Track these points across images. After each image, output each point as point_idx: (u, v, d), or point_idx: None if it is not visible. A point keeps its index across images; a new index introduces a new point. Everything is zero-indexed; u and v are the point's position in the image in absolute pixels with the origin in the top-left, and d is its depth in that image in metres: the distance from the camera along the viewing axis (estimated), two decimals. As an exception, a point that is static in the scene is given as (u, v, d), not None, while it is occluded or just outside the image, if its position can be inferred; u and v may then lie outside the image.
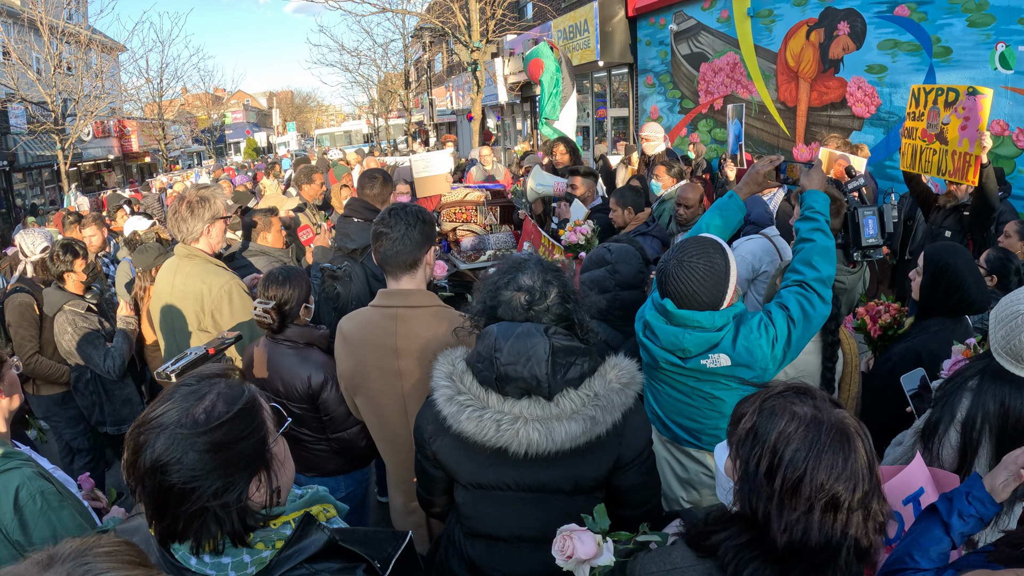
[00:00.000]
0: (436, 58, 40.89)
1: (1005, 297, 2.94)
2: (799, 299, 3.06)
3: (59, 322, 5.57)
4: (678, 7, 15.21)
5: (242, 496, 1.74)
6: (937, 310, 3.86)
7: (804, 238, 3.28)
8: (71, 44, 30.08)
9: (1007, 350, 2.79)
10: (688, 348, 2.97)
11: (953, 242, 4.94)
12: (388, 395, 3.24)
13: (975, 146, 5.39)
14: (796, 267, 3.19)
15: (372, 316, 3.25)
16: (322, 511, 2.04)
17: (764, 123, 12.88)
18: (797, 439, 1.77)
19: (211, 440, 1.68)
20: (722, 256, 2.97)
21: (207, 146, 53.84)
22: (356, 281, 4.88)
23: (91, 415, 5.91)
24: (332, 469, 4.07)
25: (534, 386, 2.34)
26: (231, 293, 4.33)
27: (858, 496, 1.73)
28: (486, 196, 8.98)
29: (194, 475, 1.66)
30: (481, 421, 2.37)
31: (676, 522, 2.26)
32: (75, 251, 5.68)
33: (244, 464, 1.75)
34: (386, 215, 3.20)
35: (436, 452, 2.59)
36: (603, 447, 2.44)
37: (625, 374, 2.49)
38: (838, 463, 1.74)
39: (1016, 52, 8.13)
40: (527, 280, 2.55)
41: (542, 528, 2.49)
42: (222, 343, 3.32)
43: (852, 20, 10.62)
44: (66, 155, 28.03)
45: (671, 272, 2.96)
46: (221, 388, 1.78)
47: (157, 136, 40.73)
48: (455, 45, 21.14)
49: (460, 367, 2.53)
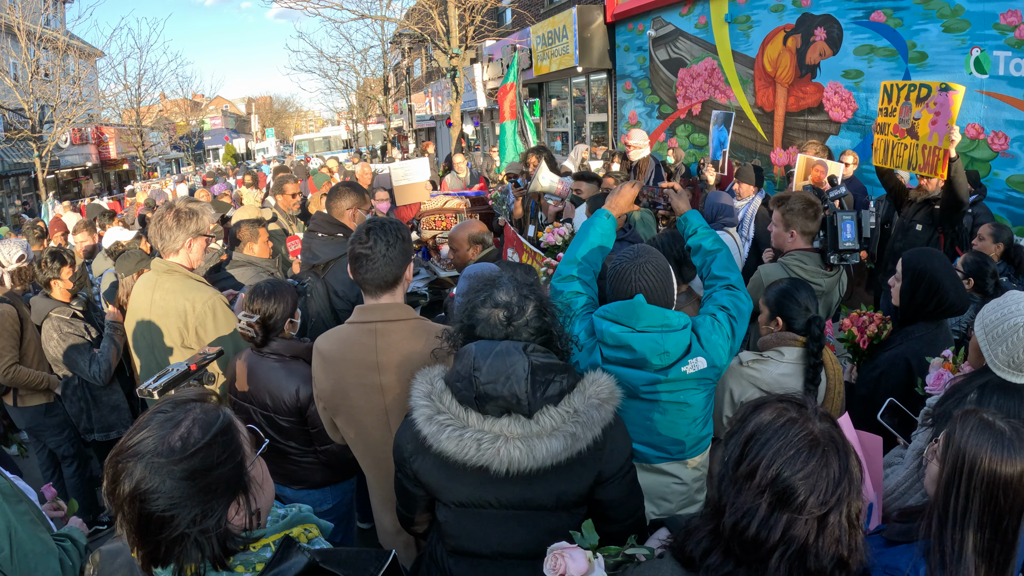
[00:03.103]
0: (415, 64, 40.88)
1: (992, 311, 2.94)
2: (731, 299, 3.29)
3: (45, 329, 5.56)
4: (656, 13, 15.28)
5: (221, 521, 1.73)
6: (919, 315, 3.90)
7: (709, 250, 3.53)
8: (48, 50, 29.68)
9: (1009, 364, 2.81)
10: (669, 350, 3.05)
11: (929, 246, 5.00)
12: (370, 411, 3.21)
13: (944, 140, 5.51)
14: (717, 274, 3.43)
15: (351, 333, 3.21)
16: (303, 532, 2.02)
17: (742, 128, 12.94)
18: (771, 431, 1.80)
19: (188, 467, 1.67)
20: (664, 260, 3.20)
21: (186, 152, 53.46)
22: (317, 298, 4.84)
23: (79, 422, 5.87)
24: (319, 481, 4.04)
25: (514, 404, 2.33)
26: (215, 309, 4.28)
27: (813, 501, 1.72)
28: (466, 204, 8.97)
29: (172, 503, 1.66)
30: (462, 440, 2.35)
31: (662, 531, 2.26)
32: (63, 258, 5.66)
33: (222, 489, 1.74)
34: (363, 235, 3.15)
35: (417, 471, 2.58)
36: (584, 463, 2.44)
37: (604, 389, 2.49)
38: (804, 463, 1.74)
39: (991, 57, 8.21)
40: (503, 296, 2.57)
41: (525, 545, 2.51)
42: (204, 359, 3.30)
43: (829, 26, 10.70)
44: (43, 162, 27.73)
45: (634, 270, 3.12)
46: (196, 414, 1.76)
47: (135, 143, 40.39)
48: (434, 51, 21.11)
49: (439, 386, 2.51)
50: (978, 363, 3.09)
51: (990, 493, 2.14)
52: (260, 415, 3.85)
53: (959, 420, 2.27)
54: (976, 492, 2.15)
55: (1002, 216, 7.96)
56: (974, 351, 3.12)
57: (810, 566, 1.74)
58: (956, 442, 2.22)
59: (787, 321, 3.72)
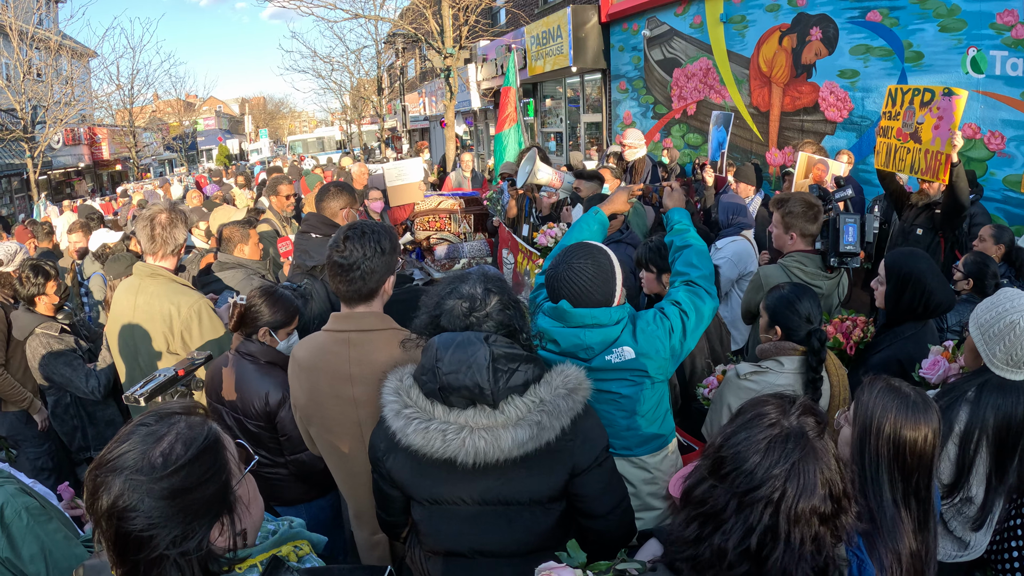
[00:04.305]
0: (409, 64, 40.79)
1: (986, 310, 2.96)
2: (688, 295, 3.26)
3: (31, 347, 5.28)
4: (651, 13, 15.26)
5: (203, 543, 1.65)
6: (906, 316, 3.88)
7: (681, 246, 3.55)
8: (41, 50, 29.56)
9: (1008, 361, 2.86)
10: (591, 345, 3.08)
11: (911, 247, 5.00)
12: (344, 423, 3.12)
13: (946, 145, 5.54)
14: (680, 269, 3.43)
15: (324, 341, 3.14)
16: (293, 550, 1.96)
17: (738, 128, 12.90)
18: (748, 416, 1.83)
19: (168, 486, 1.59)
20: (606, 256, 3.13)
21: (179, 153, 53.29)
22: (317, 300, 4.75)
23: (72, 441, 5.71)
24: (291, 498, 3.93)
25: (477, 394, 2.32)
26: (200, 313, 4.21)
27: (778, 496, 1.70)
28: (460, 204, 8.93)
29: (151, 523, 1.58)
30: (427, 433, 2.34)
31: (652, 542, 2.25)
32: (46, 272, 5.44)
33: (204, 510, 1.66)
34: (341, 243, 3.02)
35: (390, 470, 2.57)
36: (555, 454, 2.43)
37: (572, 379, 2.48)
38: (776, 457, 1.73)
39: (987, 56, 8.20)
40: (468, 289, 2.62)
41: (503, 543, 2.52)
42: (191, 364, 3.24)
43: (824, 26, 10.68)
44: (36, 163, 27.61)
45: (562, 275, 3.09)
46: (180, 428, 1.68)
47: (128, 144, 40.20)
48: (428, 51, 21.03)
49: (407, 382, 2.51)
50: (974, 364, 3.12)
51: (897, 452, 2.32)
52: (231, 417, 3.75)
53: (867, 385, 2.44)
54: (884, 452, 2.33)
55: (999, 216, 7.96)
56: (970, 352, 3.14)
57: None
58: (864, 406, 2.39)
59: (786, 331, 3.60)
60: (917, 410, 2.33)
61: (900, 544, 2.28)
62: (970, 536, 3.06)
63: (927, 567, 2.35)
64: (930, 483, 2.35)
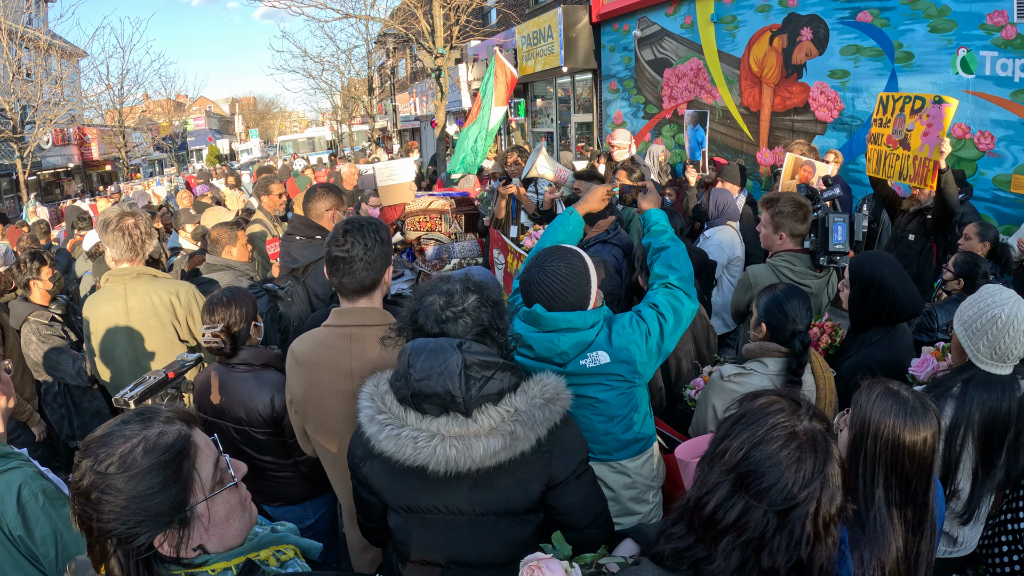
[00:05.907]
0: (399, 64, 40.77)
1: (969, 307, 3.00)
2: (666, 297, 3.23)
3: (24, 334, 5.48)
4: (642, 13, 15.26)
5: (144, 548, 1.67)
6: (870, 321, 3.88)
7: (659, 247, 3.51)
8: (30, 49, 29.51)
9: (992, 355, 2.89)
10: (566, 350, 3.04)
11: (878, 251, 5.05)
12: (343, 419, 3.10)
13: (934, 152, 5.57)
14: (658, 272, 3.37)
15: (326, 336, 3.14)
16: (273, 555, 1.93)
17: (728, 128, 12.94)
18: (756, 416, 1.81)
19: (116, 486, 1.63)
20: (580, 259, 3.11)
21: (169, 153, 53.12)
22: (298, 301, 4.76)
23: (60, 429, 5.79)
24: (299, 495, 3.94)
25: (449, 401, 2.29)
26: (196, 297, 4.29)
27: (777, 491, 1.70)
28: (451, 204, 8.91)
29: (100, 512, 1.62)
30: (399, 439, 2.32)
31: (627, 542, 2.28)
32: (42, 259, 5.61)
33: (152, 519, 1.66)
34: (340, 237, 3.06)
35: (367, 476, 2.55)
36: (530, 465, 2.40)
37: (550, 389, 2.44)
38: (775, 453, 1.73)
39: (977, 57, 8.22)
40: (447, 286, 2.59)
41: (480, 553, 2.50)
42: (182, 366, 3.23)
43: (815, 26, 10.69)
44: (25, 164, 27.52)
45: (535, 279, 3.07)
46: (150, 435, 1.69)
47: (118, 144, 40.06)
48: (419, 51, 21.01)
49: (383, 387, 2.49)
50: (960, 360, 3.16)
51: (895, 457, 2.31)
52: (234, 431, 3.73)
53: (865, 388, 2.43)
54: (881, 456, 2.32)
55: (988, 215, 7.97)
56: (956, 348, 3.17)
57: (764, 562, 1.72)
58: (861, 409, 2.39)
59: (771, 329, 3.57)
60: (916, 414, 2.32)
61: (884, 548, 2.28)
62: (958, 531, 3.07)
63: (917, 569, 2.34)
64: (928, 487, 2.34)
